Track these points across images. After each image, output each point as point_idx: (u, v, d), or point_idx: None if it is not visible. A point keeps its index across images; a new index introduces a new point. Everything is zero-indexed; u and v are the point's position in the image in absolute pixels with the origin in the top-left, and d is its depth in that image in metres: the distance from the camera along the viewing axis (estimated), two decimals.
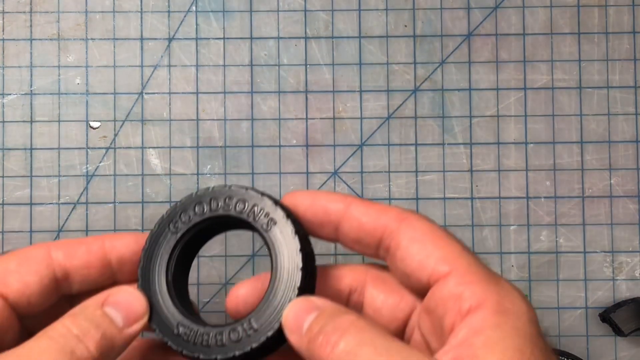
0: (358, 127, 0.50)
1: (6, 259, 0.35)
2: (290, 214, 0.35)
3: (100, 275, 0.36)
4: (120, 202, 0.49)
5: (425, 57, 0.50)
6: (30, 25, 0.50)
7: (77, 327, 0.32)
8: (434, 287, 0.32)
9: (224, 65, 0.50)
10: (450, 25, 0.50)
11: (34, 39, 0.50)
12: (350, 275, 0.37)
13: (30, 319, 0.36)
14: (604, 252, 0.50)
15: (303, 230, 0.35)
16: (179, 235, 0.36)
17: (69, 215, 0.49)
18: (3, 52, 0.50)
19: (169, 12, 0.50)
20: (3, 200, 0.49)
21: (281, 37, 0.50)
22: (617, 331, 0.48)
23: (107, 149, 0.50)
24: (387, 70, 0.50)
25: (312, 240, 0.35)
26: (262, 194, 0.35)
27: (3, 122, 0.50)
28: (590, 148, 0.50)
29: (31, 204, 0.49)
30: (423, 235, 0.33)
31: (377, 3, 0.50)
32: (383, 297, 0.36)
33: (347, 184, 0.50)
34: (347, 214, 0.35)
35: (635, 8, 0.51)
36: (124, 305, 0.34)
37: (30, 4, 0.50)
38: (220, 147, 0.50)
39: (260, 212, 0.35)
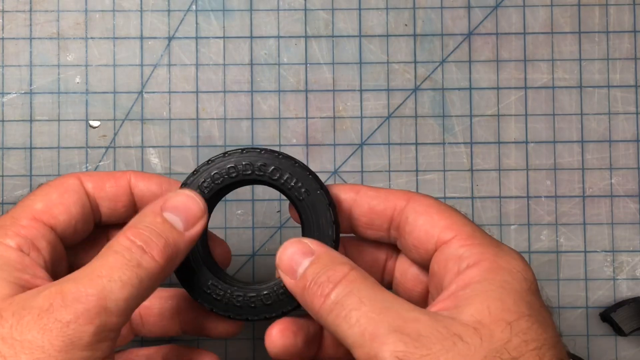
0: (358, 126, 0.50)
1: (46, 191, 0.36)
2: (323, 186, 0.36)
3: (126, 210, 0.37)
4: None
5: (426, 56, 0.50)
6: (30, 24, 0.50)
7: (140, 238, 0.33)
8: (438, 250, 0.34)
9: (224, 64, 0.50)
10: (451, 24, 0.50)
11: (33, 38, 0.50)
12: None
13: (73, 251, 0.37)
14: (605, 251, 0.50)
15: (334, 203, 0.36)
16: (209, 195, 0.36)
17: None
18: (3, 51, 0.50)
19: (169, 11, 0.50)
20: (2, 200, 0.49)
21: (281, 36, 0.50)
22: (618, 331, 0.48)
23: (107, 148, 0.50)
24: (387, 69, 0.50)
25: None
26: (295, 161, 0.36)
27: (2, 121, 0.49)
28: (591, 147, 0.50)
29: None
30: (429, 208, 0.35)
31: (377, 2, 0.50)
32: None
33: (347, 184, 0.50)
34: (357, 200, 0.36)
35: (636, 7, 0.50)
36: (182, 207, 0.35)
37: (30, 3, 0.50)
38: (221, 146, 0.50)
39: (294, 181, 0.36)
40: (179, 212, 0.34)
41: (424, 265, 0.36)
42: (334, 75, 0.50)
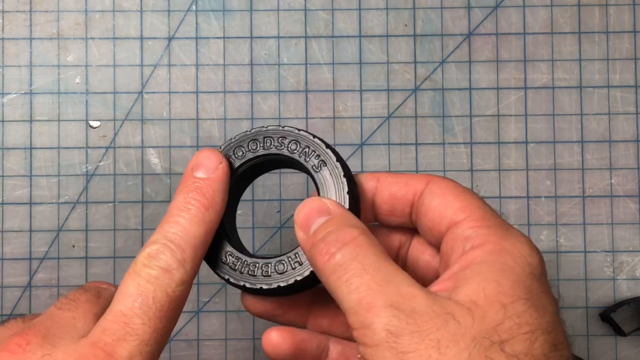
0: (358, 126, 0.50)
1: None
2: (340, 158, 0.36)
3: None
4: (120, 202, 0.49)
5: (426, 57, 0.50)
6: (30, 25, 0.50)
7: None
8: (448, 232, 0.34)
9: (224, 65, 0.50)
10: (451, 25, 0.50)
11: (33, 38, 0.50)
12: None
13: None
14: (605, 251, 0.50)
15: (350, 174, 0.36)
16: (232, 169, 0.37)
17: (68, 214, 0.49)
18: (3, 51, 0.50)
19: (168, 11, 0.50)
20: (3, 200, 0.49)
21: (281, 36, 0.50)
22: (618, 331, 0.48)
23: (107, 148, 0.50)
24: (387, 69, 0.50)
25: None
26: (314, 136, 0.36)
27: (3, 121, 0.49)
28: (591, 147, 0.50)
29: (31, 203, 0.49)
30: (445, 190, 0.35)
31: (377, 2, 0.50)
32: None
33: None
34: (378, 188, 0.37)
35: (636, 7, 0.50)
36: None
37: (30, 3, 0.50)
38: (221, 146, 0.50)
39: (311, 153, 0.36)
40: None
41: (436, 246, 0.36)
42: (334, 75, 0.50)
